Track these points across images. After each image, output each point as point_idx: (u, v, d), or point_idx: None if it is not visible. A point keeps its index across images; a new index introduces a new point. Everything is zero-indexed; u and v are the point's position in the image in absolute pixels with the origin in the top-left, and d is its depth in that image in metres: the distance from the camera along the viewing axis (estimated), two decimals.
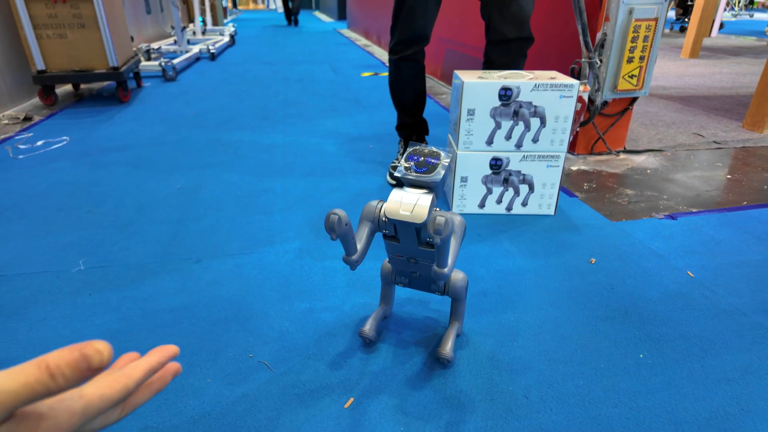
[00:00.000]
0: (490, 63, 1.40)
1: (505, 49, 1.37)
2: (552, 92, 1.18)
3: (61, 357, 0.22)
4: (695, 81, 3.09)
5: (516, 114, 1.21)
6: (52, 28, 2.30)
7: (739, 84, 2.99)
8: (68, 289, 0.99)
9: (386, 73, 3.52)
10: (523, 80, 1.18)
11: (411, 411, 0.71)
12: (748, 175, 1.60)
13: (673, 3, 6.21)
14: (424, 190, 0.68)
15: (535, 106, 1.20)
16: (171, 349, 0.32)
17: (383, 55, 4.52)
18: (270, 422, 0.69)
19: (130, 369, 0.29)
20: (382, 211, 0.70)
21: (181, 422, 0.69)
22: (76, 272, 1.05)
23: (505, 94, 1.18)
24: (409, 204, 0.67)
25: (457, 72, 1.29)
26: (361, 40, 5.82)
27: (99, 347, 0.23)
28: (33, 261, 1.09)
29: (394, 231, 0.71)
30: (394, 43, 1.40)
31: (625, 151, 1.82)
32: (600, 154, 1.80)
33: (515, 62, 1.37)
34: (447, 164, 0.68)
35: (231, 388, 0.74)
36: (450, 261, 0.67)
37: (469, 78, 1.21)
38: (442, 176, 0.67)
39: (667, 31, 6.23)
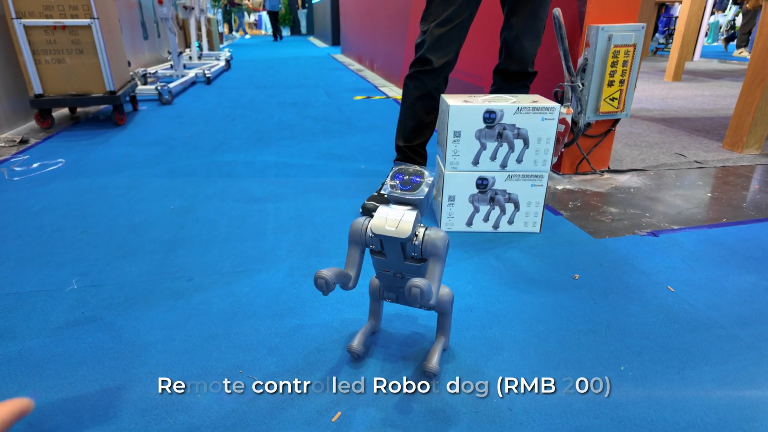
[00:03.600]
0: (495, 84, 1.55)
1: (507, 78, 1.52)
2: (534, 115, 1.23)
3: None
4: (678, 103, 3.19)
5: (500, 136, 1.25)
6: (50, 54, 2.36)
7: (720, 106, 3.09)
8: (61, 307, 1.00)
9: (379, 96, 3.61)
10: (506, 104, 1.23)
11: (398, 424, 0.72)
12: (728, 194, 1.65)
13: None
14: (409, 207, 0.72)
15: (518, 128, 1.24)
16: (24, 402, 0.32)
17: (376, 79, 4.63)
18: None
19: None
20: (369, 227, 0.73)
21: None
22: (69, 291, 1.06)
23: (489, 117, 1.23)
24: (394, 220, 0.70)
25: (444, 96, 1.34)
26: (355, 65, 5.95)
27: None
28: (27, 280, 1.10)
29: (380, 246, 0.74)
30: (411, 62, 1.45)
31: (609, 171, 1.88)
32: (585, 173, 1.85)
33: (515, 91, 1.52)
34: (431, 182, 0.72)
35: (221, 404, 0.76)
36: (434, 287, 0.69)
37: (454, 102, 1.26)
38: (425, 194, 0.71)
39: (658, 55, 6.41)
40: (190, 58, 5.18)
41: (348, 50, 6.98)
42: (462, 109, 1.23)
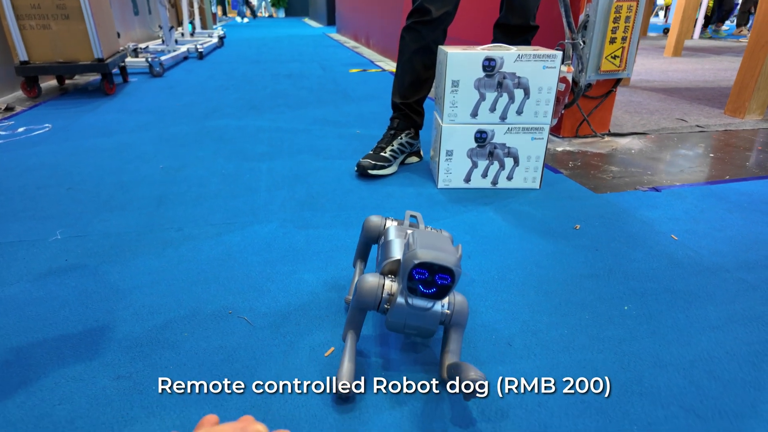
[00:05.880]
0: (495, 39, 1.48)
1: (508, 32, 1.45)
2: (535, 62, 1.19)
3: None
4: (678, 75, 3.14)
5: (500, 85, 1.21)
6: (35, 19, 2.28)
7: (721, 78, 3.04)
8: (44, 255, 0.96)
9: (375, 70, 3.54)
10: (506, 51, 1.19)
11: (392, 358, 0.69)
12: (731, 154, 1.62)
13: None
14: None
15: (519, 77, 1.20)
16: None
17: (372, 55, 4.54)
18: (247, 370, 0.67)
19: None
20: (386, 289, 0.63)
21: (155, 371, 0.66)
22: (53, 241, 1.02)
23: (489, 65, 1.19)
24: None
25: (441, 46, 1.29)
26: (350, 43, 5.84)
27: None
28: (7, 232, 1.06)
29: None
30: (408, 13, 1.39)
31: (610, 134, 1.84)
32: (585, 136, 1.81)
33: (516, 45, 1.41)
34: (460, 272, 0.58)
35: (208, 341, 0.73)
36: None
37: (453, 50, 1.21)
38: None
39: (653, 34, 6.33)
40: (182, 34, 5.07)
41: (344, 29, 6.86)
42: (460, 56, 1.19)
